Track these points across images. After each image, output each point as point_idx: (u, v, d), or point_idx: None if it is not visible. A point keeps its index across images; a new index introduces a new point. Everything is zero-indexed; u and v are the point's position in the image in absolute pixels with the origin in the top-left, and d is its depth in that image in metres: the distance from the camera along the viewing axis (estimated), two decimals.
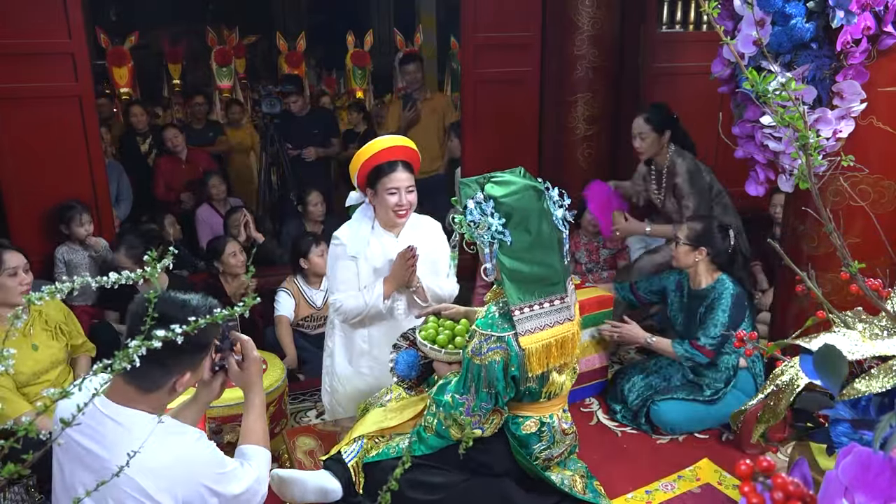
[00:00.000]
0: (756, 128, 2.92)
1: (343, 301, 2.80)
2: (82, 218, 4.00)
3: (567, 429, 2.43)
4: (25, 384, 2.89)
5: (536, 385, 2.26)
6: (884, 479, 0.86)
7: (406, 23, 8.14)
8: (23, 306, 1.13)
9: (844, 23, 2.57)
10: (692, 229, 3.25)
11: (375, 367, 2.94)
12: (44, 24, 3.82)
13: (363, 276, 2.81)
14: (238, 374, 1.88)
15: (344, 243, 2.80)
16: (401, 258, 2.75)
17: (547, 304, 2.22)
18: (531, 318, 2.19)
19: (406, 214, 2.78)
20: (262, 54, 8.44)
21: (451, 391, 2.30)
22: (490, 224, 2.13)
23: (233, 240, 4.24)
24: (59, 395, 1.07)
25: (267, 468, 1.87)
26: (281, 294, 4.05)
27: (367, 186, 2.77)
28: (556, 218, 2.21)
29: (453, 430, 2.31)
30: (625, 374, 3.46)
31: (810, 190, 1.50)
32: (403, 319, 2.91)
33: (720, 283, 3.20)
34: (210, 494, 1.69)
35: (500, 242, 2.15)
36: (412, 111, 5.44)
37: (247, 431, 1.90)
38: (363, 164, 2.72)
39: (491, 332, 2.19)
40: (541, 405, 2.35)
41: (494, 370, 2.18)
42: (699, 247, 3.21)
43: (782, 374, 1.96)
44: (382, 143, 2.75)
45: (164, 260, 1.16)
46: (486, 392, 2.21)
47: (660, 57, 4.96)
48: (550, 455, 2.40)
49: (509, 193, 2.14)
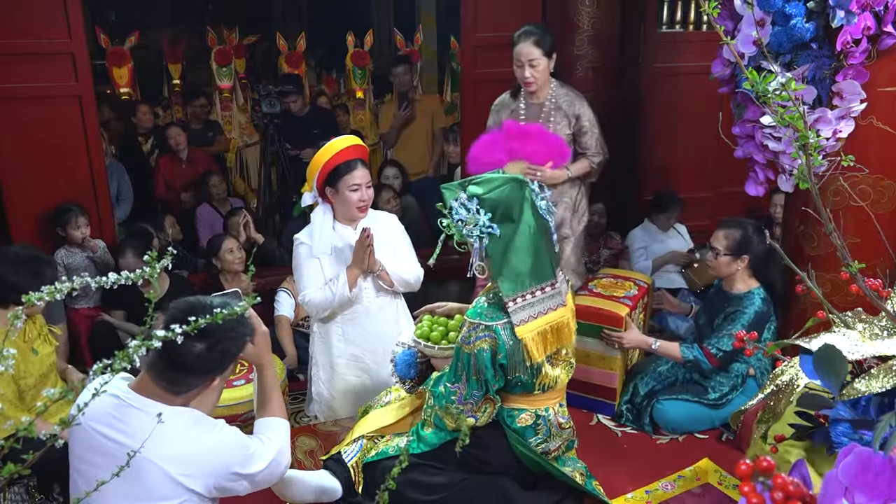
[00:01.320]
0: (756, 128, 2.92)
1: (311, 296, 2.92)
2: (78, 221, 3.98)
3: (564, 423, 2.44)
4: (30, 389, 2.87)
5: (527, 376, 2.28)
6: (884, 479, 0.86)
7: (406, 23, 8.12)
8: (23, 306, 1.13)
9: (844, 23, 2.57)
10: (731, 238, 3.11)
11: (354, 364, 3.05)
12: (44, 24, 3.82)
13: (328, 270, 2.94)
14: (251, 349, 1.89)
15: (307, 243, 2.95)
16: (359, 243, 2.87)
17: (539, 293, 2.26)
18: (525, 308, 2.23)
19: (366, 208, 2.94)
20: (262, 54, 8.43)
21: (444, 380, 2.35)
22: (477, 220, 2.20)
23: (231, 237, 4.24)
24: (59, 395, 1.07)
25: (287, 438, 1.93)
26: (281, 294, 4.05)
27: (325, 186, 2.90)
28: (541, 208, 2.27)
29: (448, 420, 2.34)
30: (635, 375, 3.41)
31: (810, 190, 1.50)
32: (375, 309, 3.01)
33: (750, 296, 3.11)
34: (238, 478, 1.78)
35: (490, 236, 2.21)
36: (407, 110, 5.53)
37: (263, 404, 1.96)
38: (324, 165, 2.85)
39: (479, 321, 2.24)
40: (535, 398, 2.36)
41: (483, 358, 2.22)
42: (741, 255, 3.11)
43: (782, 374, 1.96)
44: (338, 144, 2.88)
45: (164, 260, 1.16)
46: (476, 380, 2.25)
47: (660, 57, 4.95)
48: (547, 448, 2.41)
49: (491, 189, 2.21)
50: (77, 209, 4.01)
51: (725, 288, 3.24)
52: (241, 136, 6.47)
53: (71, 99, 3.98)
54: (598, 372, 3.35)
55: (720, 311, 3.18)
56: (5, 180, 3.98)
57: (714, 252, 3.16)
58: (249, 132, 6.49)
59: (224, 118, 6.38)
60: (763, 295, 3.12)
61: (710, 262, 3.20)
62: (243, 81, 6.76)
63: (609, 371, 3.35)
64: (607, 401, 3.40)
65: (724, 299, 3.20)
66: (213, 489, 1.75)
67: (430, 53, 7.95)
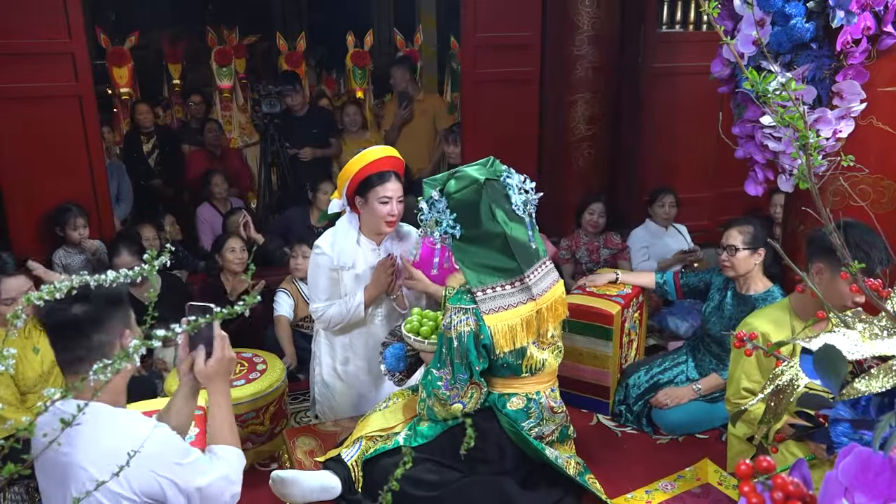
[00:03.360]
0: (756, 128, 2.92)
1: (324, 310, 2.87)
2: (76, 221, 3.97)
3: (556, 407, 2.47)
4: (31, 389, 2.87)
5: (513, 358, 2.32)
6: (884, 479, 0.86)
7: (406, 23, 8.13)
8: (23, 306, 1.12)
9: (844, 23, 2.57)
10: (748, 233, 3.09)
11: (359, 375, 3.02)
12: (44, 24, 3.82)
13: (345, 284, 2.88)
14: (201, 369, 1.75)
15: (327, 253, 2.85)
16: (381, 267, 2.82)
17: (508, 287, 2.30)
18: (493, 299, 2.29)
19: (395, 223, 2.84)
20: (262, 54, 8.44)
21: (430, 367, 2.38)
22: (440, 220, 2.28)
23: (236, 236, 4.24)
24: (59, 394, 1.07)
25: (238, 467, 1.76)
26: (280, 294, 4.05)
27: (355, 195, 2.81)
28: (515, 204, 2.29)
29: (437, 408, 2.36)
30: (629, 374, 3.43)
31: (810, 190, 1.50)
32: (381, 328, 2.97)
33: (772, 295, 3.09)
34: (170, 486, 1.59)
35: (451, 236, 2.29)
36: (407, 110, 5.54)
37: (214, 432, 1.79)
38: (355, 174, 2.76)
39: (460, 305, 2.30)
40: (524, 381, 2.39)
41: (466, 340, 2.26)
42: (758, 248, 3.08)
43: (782, 374, 1.96)
44: (373, 153, 2.80)
45: (162, 257, 1.15)
46: (460, 363, 2.28)
47: (660, 57, 4.95)
48: (541, 433, 2.43)
49: (459, 189, 2.27)
50: (76, 209, 4.00)
51: (742, 291, 3.18)
52: (241, 135, 6.47)
53: (71, 99, 3.99)
54: (591, 370, 3.38)
55: (743, 315, 3.12)
56: (5, 180, 3.98)
57: (731, 249, 3.10)
58: (249, 132, 6.49)
59: (224, 118, 6.39)
60: (781, 291, 3.10)
61: (727, 262, 3.13)
62: (243, 81, 6.76)
63: (602, 369, 3.37)
64: (601, 399, 3.42)
65: (744, 303, 3.14)
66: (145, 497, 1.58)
67: (430, 53, 7.95)
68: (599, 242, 4.54)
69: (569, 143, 4.80)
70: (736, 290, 3.22)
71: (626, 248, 4.59)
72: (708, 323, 3.32)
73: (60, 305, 1.51)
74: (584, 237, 4.54)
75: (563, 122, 4.79)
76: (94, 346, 1.59)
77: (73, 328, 1.58)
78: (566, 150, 4.83)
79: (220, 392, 1.79)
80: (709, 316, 3.32)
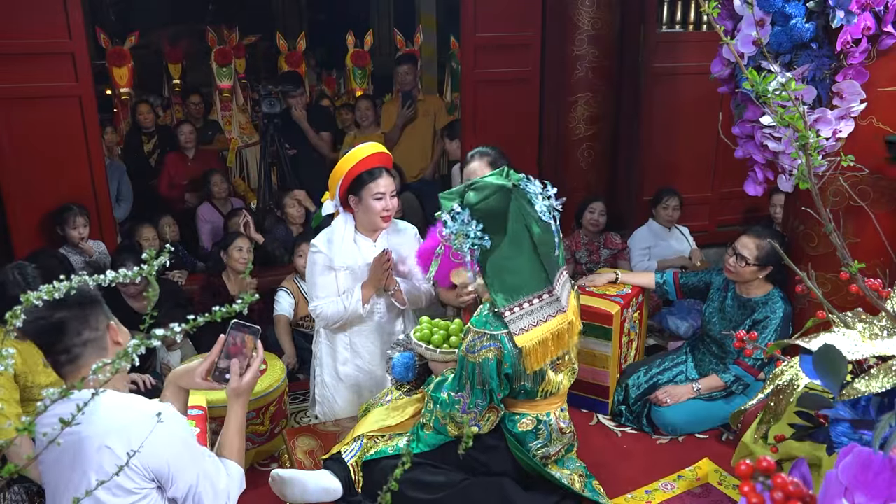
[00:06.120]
0: (756, 128, 2.92)
1: (323, 308, 2.88)
2: (76, 221, 3.97)
3: (565, 427, 2.44)
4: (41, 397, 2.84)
5: (532, 384, 2.27)
6: (884, 479, 0.86)
7: (406, 23, 8.13)
8: (22, 306, 1.12)
9: (844, 23, 2.57)
10: (762, 248, 3.06)
11: (360, 374, 3.03)
12: (44, 24, 3.82)
13: (342, 281, 2.89)
14: (237, 385, 1.75)
15: (323, 252, 2.87)
16: (377, 262, 2.82)
17: (536, 301, 2.22)
18: (522, 317, 2.21)
19: (390, 217, 2.86)
20: (262, 54, 8.44)
21: (447, 389, 2.32)
22: (468, 232, 2.16)
23: (245, 237, 4.23)
24: (58, 394, 1.07)
25: (237, 486, 1.75)
26: (281, 293, 4.05)
27: (349, 194, 2.82)
28: (541, 210, 2.21)
29: (450, 427, 2.33)
30: (629, 374, 3.44)
31: (810, 190, 1.50)
32: (384, 323, 2.98)
33: (772, 299, 3.10)
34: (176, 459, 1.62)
35: (481, 248, 2.17)
36: (410, 109, 5.52)
37: (225, 442, 1.79)
38: (348, 173, 2.78)
39: (485, 329, 2.21)
40: (537, 403, 2.36)
41: (488, 368, 2.19)
42: (767, 266, 3.08)
43: (782, 374, 1.95)
44: (361, 151, 2.80)
45: (162, 257, 1.15)
46: (481, 389, 2.23)
47: (660, 57, 4.95)
48: (547, 453, 2.40)
49: (482, 198, 2.16)
50: (77, 209, 4.00)
51: (742, 293, 3.20)
52: (241, 135, 6.47)
53: (71, 99, 3.98)
54: (590, 370, 3.38)
55: (745, 318, 3.15)
56: (5, 180, 3.98)
57: (741, 259, 3.10)
58: (249, 132, 6.49)
59: (224, 118, 6.39)
60: (782, 294, 3.12)
61: (733, 268, 3.13)
62: (243, 81, 6.76)
63: (601, 369, 3.38)
64: (601, 399, 3.42)
65: (746, 306, 3.16)
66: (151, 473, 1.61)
67: (430, 53, 7.95)
68: (599, 242, 4.54)
69: (569, 143, 4.80)
70: (736, 292, 3.23)
71: (626, 248, 4.59)
72: (709, 324, 3.33)
73: (42, 314, 1.52)
74: (584, 237, 4.54)
75: (563, 122, 4.78)
76: (87, 341, 1.63)
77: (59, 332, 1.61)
78: (566, 150, 4.83)
79: (242, 406, 1.80)
80: (710, 317, 3.33)
